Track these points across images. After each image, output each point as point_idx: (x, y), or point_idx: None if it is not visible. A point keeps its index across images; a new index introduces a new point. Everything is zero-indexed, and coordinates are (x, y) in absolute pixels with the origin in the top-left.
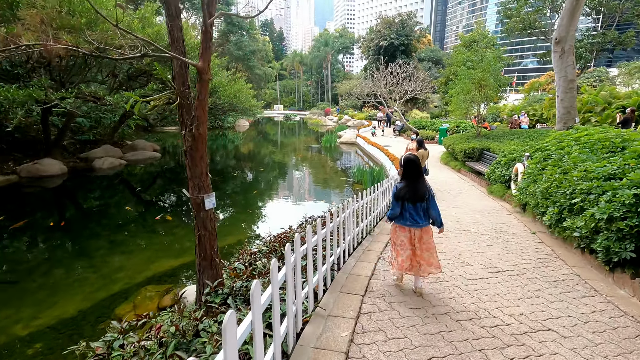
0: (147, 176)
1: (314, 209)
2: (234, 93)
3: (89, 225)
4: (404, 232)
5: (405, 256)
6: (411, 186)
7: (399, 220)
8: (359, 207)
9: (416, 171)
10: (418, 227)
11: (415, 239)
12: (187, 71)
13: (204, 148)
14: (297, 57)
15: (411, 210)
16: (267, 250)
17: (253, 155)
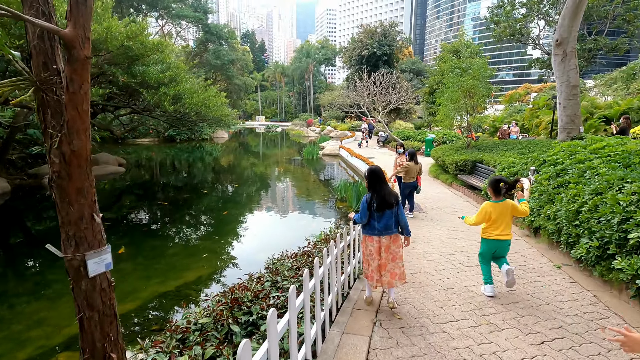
0: (102, 194)
1: (290, 236)
2: (202, 101)
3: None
4: (372, 241)
5: (375, 266)
6: (379, 195)
7: (367, 231)
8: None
9: (380, 180)
10: (387, 234)
11: (382, 248)
12: (56, 47)
13: (85, 174)
14: (278, 68)
15: (380, 219)
16: (212, 319)
17: (229, 169)
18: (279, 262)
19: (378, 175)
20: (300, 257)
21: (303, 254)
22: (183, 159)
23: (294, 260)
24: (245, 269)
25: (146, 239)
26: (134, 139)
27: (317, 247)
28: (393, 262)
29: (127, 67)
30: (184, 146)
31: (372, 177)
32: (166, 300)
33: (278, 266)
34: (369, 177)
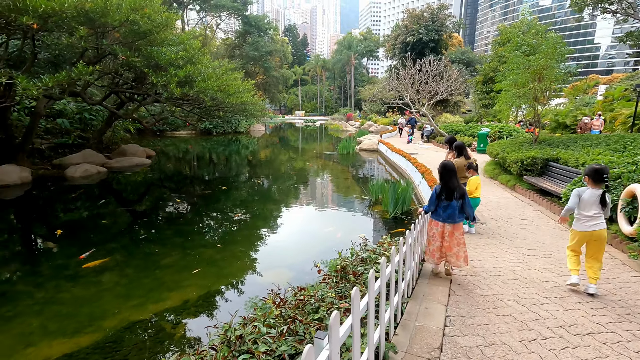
0: (119, 187)
1: (302, 256)
2: (219, 85)
3: None
4: (436, 226)
5: (435, 247)
6: (447, 187)
7: (433, 215)
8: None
9: (450, 174)
10: (451, 222)
11: (446, 233)
12: None
13: None
14: (319, 62)
15: (446, 208)
16: None
17: (257, 163)
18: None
19: (449, 169)
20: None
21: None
22: (216, 152)
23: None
24: (243, 294)
25: (142, 243)
26: (172, 131)
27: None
28: (458, 247)
29: (134, 45)
30: (220, 139)
31: (444, 171)
32: (132, 335)
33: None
34: (441, 171)
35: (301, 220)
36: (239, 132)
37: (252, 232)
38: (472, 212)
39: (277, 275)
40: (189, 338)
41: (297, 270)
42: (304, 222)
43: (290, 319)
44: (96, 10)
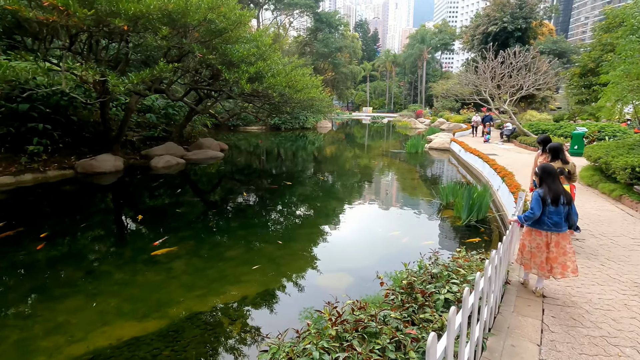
0: (194, 178)
1: (373, 253)
2: (287, 81)
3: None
4: (540, 235)
5: (544, 258)
6: (553, 191)
7: (535, 225)
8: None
9: (553, 177)
10: (557, 231)
11: (552, 244)
12: None
13: None
14: (389, 57)
15: (551, 215)
16: None
17: (323, 159)
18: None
19: (550, 172)
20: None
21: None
22: (284, 147)
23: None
24: (300, 297)
25: (210, 234)
26: (245, 127)
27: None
28: (564, 256)
29: (210, 44)
30: (287, 135)
31: (544, 174)
32: (193, 326)
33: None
34: (541, 174)
35: (364, 221)
36: (306, 128)
37: (313, 230)
38: (577, 220)
39: (335, 279)
40: (244, 337)
41: (357, 276)
42: (367, 223)
43: (347, 344)
44: (178, 10)
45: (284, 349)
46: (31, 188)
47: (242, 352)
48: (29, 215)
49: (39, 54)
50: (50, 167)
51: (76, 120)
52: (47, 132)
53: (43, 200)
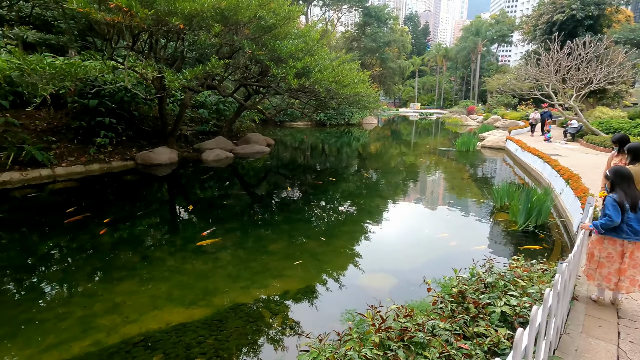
0: (241, 171)
1: (419, 255)
2: (334, 76)
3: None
4: (614, 245)
5: (613, 270)
6: (630, 195)
7: (610, 233)
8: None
9: (629, 180)
10: (636, 240)
11: (627, 254)
12: None
13: None
14: (441, 51)
15: (632, 222)
16: None
17: (369, 156)
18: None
19: (624, 175)
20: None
21: None
22: (328, 143)
23: None
24: (341, 297)
25: (254, 227)
26: (291, 122)
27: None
28: (635, 269)
29: (260, 40)
30: (332, 131)
31: (618, 177)
32: (236, 317)
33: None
34: (614, 177)
35: (409, 221)
36: (352, 124)
37: (356, 228)
38: None
39: (378, 280)
40: (284, 333)
41: (401, 278)
42: (412, 223)
43: (392, 354)
44: (230, 8)
45: (325, 354)
46: (98, 177)
47: (281, 348)
48: (95, 201)
49: (105, 53)
50: (115, 158)
51: (137, 115)
52: (113, 126)
53: (107, 188)
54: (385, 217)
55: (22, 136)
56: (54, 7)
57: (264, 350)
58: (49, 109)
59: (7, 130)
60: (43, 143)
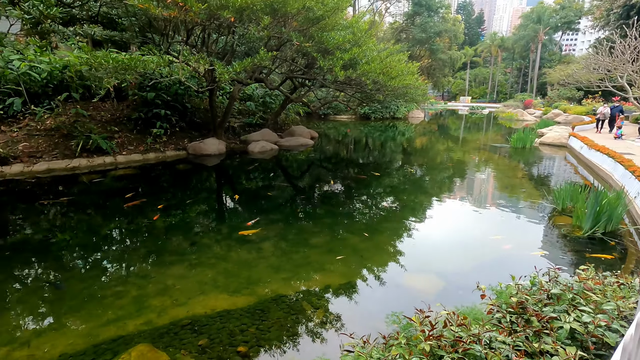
0: (285, 163)
1: (468, 257)
2: (382, 68)
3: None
4: None
5: None
6: None
7: None
8: None
9: None
10: None
11: None
12: None
13: None
14: (496, 41)
15: None
16: None
17: (416, 151)
18: None
19: None
20: None
21: None
22: (372, 137)
23: None
24: (384, 295)
25: (297, 219)
26: (335, 115)
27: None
28: None
29: (307, 32)
30: (377, 124)
31: None
32: (277, 308)
33: None
34: None
35: (457, 220)
36: (397, 118)
37: (400, 225)
38: None
39: (424, 282)
40: (325, 329)
41: (449, 281)
42: (461, 223)
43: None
44: (278, 0)
45: (371, 358)
46: (153, 165)
47: (322, 344)
48: (151, 188)
49: (162, 48)
50: (169, 147)
51: (190, 107)
52: (167, 117)
53: (162, 176)
54: (430, 215)
55: (89, 126)
56: (118, 6)
57: (304, 344)
58: (113, 101)
59: (77, 121)
60: (107, 132)
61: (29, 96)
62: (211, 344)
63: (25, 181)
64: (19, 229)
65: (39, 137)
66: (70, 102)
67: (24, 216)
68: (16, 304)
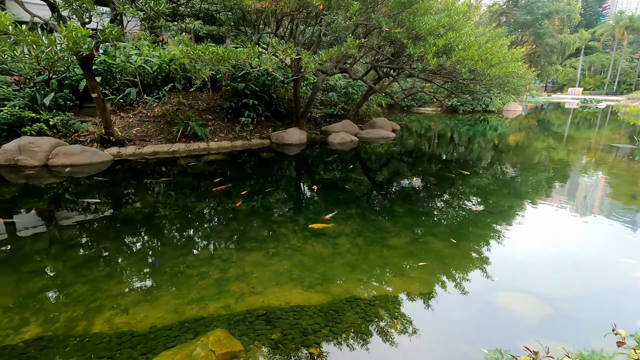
0: (364, 156)
1: (579, 280)
2: (481, 54)
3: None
4: None
5: None
6: None
7: None
8: None
9: None
10: None
11: None
12: None
13: None
14: (622, 21)
15: None
16: None
17: (508, 149)
18: None
19: None
20: None
21: None
22: (459, 132)
23: None
24: (475, 315)
25: (374, 215)
26: (418, 107)
27: None
28: None
29: (397, 17)
30: (465, 118)
31: None
32: (352, 311)
33: None
34: None
35: (563, 232)
36: (489, 111)
37: (492, 232)
38: None
39: (522, 303)
40: (403, 344)
41: (556, 307)
42: (569, 237)
43: None
44: None
45: None
46: (240, 152)
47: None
48: (236, 174)
49: (253, 39)
50: (254, 136)
51: (275, 97)
52: (255, 107)
53: (247, 163)
54: (528, 224)
55: (188, 114)
56: (217, 1)
57: (380, 358)
58: (209, 92)
59: (179, 109)
60: (202, 120)
61: (142, 87)
62: (284, 339)
63: (136, 161)
64: (129, 204)
65: (148, 123)
66: (174, 92)
67: (134, 192)
68: (120, 272)
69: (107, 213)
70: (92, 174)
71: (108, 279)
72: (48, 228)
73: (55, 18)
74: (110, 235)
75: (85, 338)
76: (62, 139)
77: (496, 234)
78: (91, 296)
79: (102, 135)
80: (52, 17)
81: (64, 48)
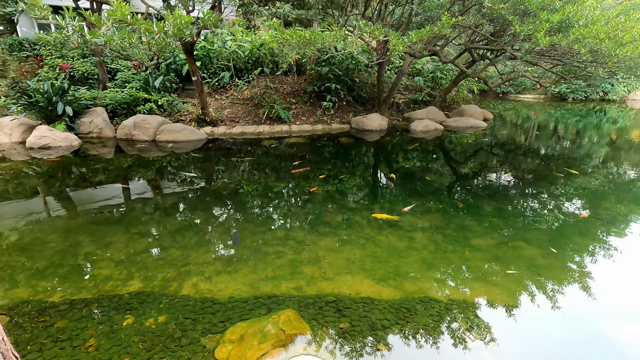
0: (449, 146)
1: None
2: (608, 31)
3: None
4: None
5: None
6: None
7: None
8: None
9: None
10: None
11: None
12: None
13: None
14: None
15: None
16: None
17: (629, 146)
18: None
19: None
20: None
21: None
22: (565, 123)
23: None
24: (581, 343)
25: (457, 211)
26: (517, 94)
27: None
28: None
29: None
30: (575, 107)
31: None
32: (425, 312)
33: None
34: None
35: None
36: (608, 100)
37: (602, 244)
38: None
39: (631, 333)
40: (481, 354)
41: None
42: None
43: None
44: None
45: None
46: (320, 136)
47: None
48: (315, 158)
49: (340, 21)
50: (334, 120)
51: (357, 81)
52: (337, 91)
53: (326, 147)
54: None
55: (274, 97)
56: None
57: None
58: (294, 75)
59: (266, 92)
60: (286, 104)
61: (235, 71)
62: (352, 330)
63: (226, 140)
64: (218, 180)
65: (238, 105)
66: (262, 75)
67: (223, 169)
68: (207, 242)
69: (200, 186)
70: (189, 150)
71: (197, 246)
72: (154, 195)
73: (164, 7)
74: (200, 207)
75: (175, 298)
76: (167, 117)
77: (607, 246)
78: (183, 261)
79: (199, 115)
80: (162, 7)
81: (170, 34)
